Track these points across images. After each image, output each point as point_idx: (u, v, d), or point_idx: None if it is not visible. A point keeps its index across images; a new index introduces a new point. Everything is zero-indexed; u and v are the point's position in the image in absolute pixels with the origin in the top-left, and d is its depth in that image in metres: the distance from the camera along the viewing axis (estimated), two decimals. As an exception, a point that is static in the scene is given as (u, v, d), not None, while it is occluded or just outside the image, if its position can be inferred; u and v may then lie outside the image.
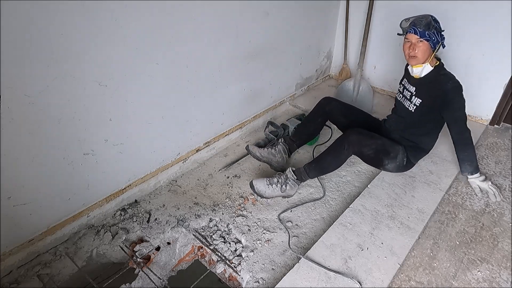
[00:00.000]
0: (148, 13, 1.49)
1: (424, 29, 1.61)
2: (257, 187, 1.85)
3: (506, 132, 2.42)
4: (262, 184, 1.85)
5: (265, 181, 1.86)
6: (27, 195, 1.44)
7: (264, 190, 1.84)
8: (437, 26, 1.64)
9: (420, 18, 1.62)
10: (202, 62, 1.87)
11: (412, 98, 1.83)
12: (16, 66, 1.19)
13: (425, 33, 1.62)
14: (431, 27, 1.61)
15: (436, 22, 1.64)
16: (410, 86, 1.85)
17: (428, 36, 1.62)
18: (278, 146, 2.07)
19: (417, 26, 1.62)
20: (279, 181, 1.85)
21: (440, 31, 1.66)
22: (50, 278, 1.50)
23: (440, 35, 1.66)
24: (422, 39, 1.63)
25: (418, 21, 1.62)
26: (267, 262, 1.58)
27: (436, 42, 1.65)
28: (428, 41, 1.63)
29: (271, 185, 1.84)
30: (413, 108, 1.83)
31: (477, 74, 2.37)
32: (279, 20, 2.26)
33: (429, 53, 1.68)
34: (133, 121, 1.68)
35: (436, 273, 1.49)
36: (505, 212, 1.77)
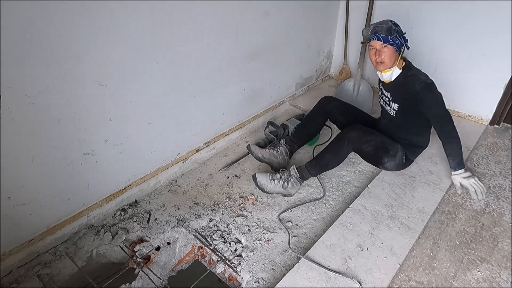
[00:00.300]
0: (148, 13, 1.49)
1: (386, 34, 1.64)
2: (259, 180, 1.85)
3: (506, 132, 2.42)
4: (265, 178, 1.85)
5: (268, 176, 1.86)
6: (27, 195, 1.44)
7: (266, 184, 1.84)
8: (398, 29, 1.67)
9: (381, 24, 1.65)
10: (202, 62, 1.88)
11: (390, 103, 1.85)
12: (16, 66, 1.19)
13: (388, 38, 1.64)
14: (392, 31, 1.64)
15: (396, 26, 1.67)
16: (386, 92, 1.88)
17: (392, 40, 1.65)
18: (280, 147, 2.07)
19: (378, 33, 1.65)
20: (282, 177, 1.86)
21: (401, 34, 1.68)
22: (50, 278, 1.50)
23: (403, 38, 1.69)
24: (386, 44, 1.65)
25: (379, 28, 1.65)
26: (267, 262, 1.58)
27: (400, 45, 1.68)
28: (392, 45, 1.66)
29: (273, 180, 1.85)
30: (394, 112, 1.86)
31: (477, 74, 2.37)
32: (279, 20, 2.26)
33: (395, 56, 1.70)
34: (133, 121, 1.68)
35: (436, 273, 1.49)
36: (505, 212, 1.77)
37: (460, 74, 2.44)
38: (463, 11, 2.24)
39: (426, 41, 2.48)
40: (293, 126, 2.37)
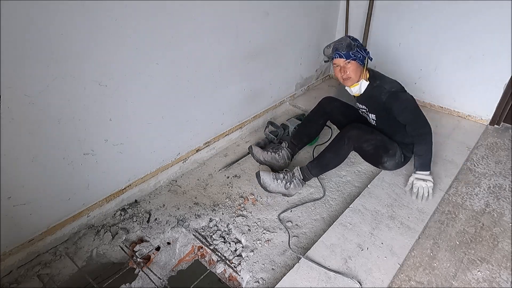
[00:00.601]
0: (148, 13, 1.50)
1: (347, 51, 1.67)
2: (263, 178, 1.85)
3: (506, 132, 2.42)
4: (268, 177, 1.86)
5: (271, 175, 1.87)
6: (27, 195, 1.44)
7: (269, 183, 1.85)
8: (357, 44, 1.70)
9: (340, 42, 1.68)
10: (202, 62, 1.88)
11: (369, 114, 1.89)
12: (16, 66, 1.19)
13: (350, 54, 1.67)
14: (352, 47, 1.67)
15: (355, 41, 1.70)
16: (360, 105, 1.91)
17: (354, 56, 1.68)
18: (282, 151, 2.08)
19: (339, 50, 1.68)
20: (285, 177, 1.86)
21: (361, 47, 1.71)
22: (50, 278, 1.50)
23: (364, 51, 1.71)
24: (349, 59, 1.68)
25: (339, 46, 1.68)
26: (267, 262, 1.58)
27: (363, 58, 1.71)
28: (355, 60, 1.69)
29: (276, 180, 1.85)
30: (374, 122, 1.90)
31: (477, 74, 2.37)
32: (279, 20, 2.26)
33: (360, 70, 1.73)
34: (133, 121, 1.68)
35: (436, 273, 1.49)
36: (505, 212, 1.77)
37: (460, 74, 2.44)
38: (463, 11, 2.24)
39: (426, 41, 2.48)
40: (293, 126, 2.37)
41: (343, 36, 1.74)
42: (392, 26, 2.60)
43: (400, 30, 2.58)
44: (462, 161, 2.11)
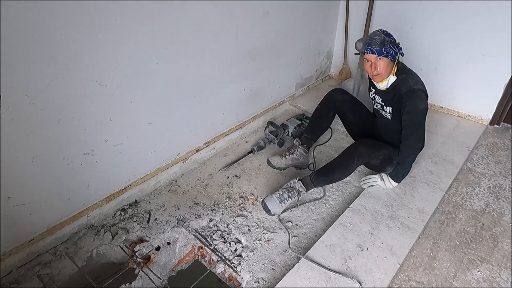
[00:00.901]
0: (148, 13, 1.49)
1: (380, 47, 1.62)
2: (273, 210, 1.76)
3: (506, 132, 2.42)
4: (275, 204, 1.77)
5: (276, 200, 1.77)
6: (27, 195, 1.44)
7: (278, 209, 1.78)
8: (391, 39, 1.64)
9: (374, 37, 1.63)
10: (202, 62, 1.87)
11: (384, 107, 1.84)
12: (16, 66, 1.19)
13: (382, 50, 1.62)
14: (386, 43, 1.62)
15: (389, 36, 1.65)
16: (377, 97, 1.87)
17: (386, 52, 1.63)
18: (298, 149, 2.11)
19: (372, 46, 1.62)
20: (290, 196, 1.80)
21: (395, 43, 1.66)
22: (50, 278, 1.50)
23: (396, 46, 1.66)
24: (381, 56, 1.63)
25: (372, 41, 1.62)
26: (267, 262, 1.58)
27: (395, 54, 1.66)
28: (387, 57, 1.64)
29: (283, 202, 1.78)
30: (389, 116, 1.84)
31: (477, 74, 2.37)
32: (279, 20, 2.26)
33: (391, 66, 1.69)
34: (133, 121, 1.68)
35: (436, 273, 1.49)
36: (505, 212, 1.77)
37: (460, 74, 2.44)
38: (463, 11, 2.24)
39: (426, 41, 2.48)
40: (293, 126, 2.37)
41: (377, 31, 1.66)
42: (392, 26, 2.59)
43: (400, 30, 2.58)
44: (462, 161, 2.11)
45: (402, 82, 1.70)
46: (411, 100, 1.66)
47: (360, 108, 2.08)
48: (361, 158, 1.78)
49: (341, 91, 2.07)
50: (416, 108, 1.67)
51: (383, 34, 1.62)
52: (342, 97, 2.04)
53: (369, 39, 1.64)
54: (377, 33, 1.64)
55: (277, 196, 1.78)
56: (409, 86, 1.67)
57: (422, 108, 1.67)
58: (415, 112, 1.68)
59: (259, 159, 2.24)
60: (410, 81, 1.69)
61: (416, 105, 1.67)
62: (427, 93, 1.72)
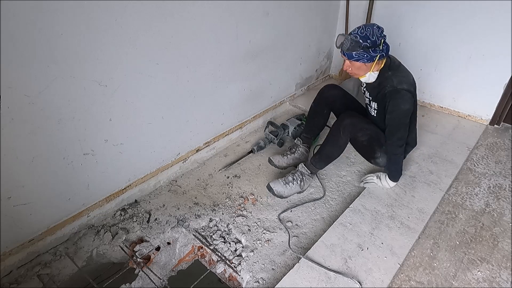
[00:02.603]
0: (148, 13, 1.49)
1: (350, 51, 1.56)
2: (276, 189, 1.85)
3: (506, 132, 2.42)
4: (279, 185, 1.85)
5: (281, 182, 1.86)
6: (27, 195, 1.44)
7: (283, 190, 1.85)
8: (366, 43, 1.54)
9: (347, 39, 1.55)
10: (202, 62, 1.87)
11: (371, 103, 1.83)
12: (16, 66, 1.19)
13: (353, 55, 1.57)
14: (357, 47, 1.54)
15: (366, 39, 1.53)
16: (367, 92, 1.85)
17: (356, 57, 1.57)
18: (300, 148, 2.12)
19: (343, 49, 1.58)
20: (295, 178, 1.87)
21: (373, 46, 1.55)
22: (50, 278, 1.50)
23: (374, 50, 1.56)
24: (351, 60, 1.60)
25: (345, 42, 1.56)
26: (267, 262, 1.58)
27: (370, 58, 1.58)
28: (358, 61, 1.59)
29: (287, 184, 1.85)
30: (374, 112, 1.83)
31: (477, 74, 2.37)
32: (279, 20, 2.26)
33: (365, 67, 1.64)
34: (133, 121, 1.68)
35: (436, 273, 1.49)
36: (505, 212, 1.77)
37: (460, 74, 2.44)
38: (462, 11, 2.24)
39: (426, 41, 2.48)
40: (293, 126, 2.37)
41: (362, 27, 1.55)
42: (392, 26, 2.60)
43: (400, 30, 2.58)
44: (462, 161, 2.11)
45: (387, 81, 1.67)
46: (394, 100, 1.64)
47: (352, 103, 2.06)
48: (347, 129, 1.74)
49: (331, 86, 2.05)
50: (398, 108, 1.65)
51: (358, 36, 1.54)
52: (332, 92, 2.02)
53: (344, 39, 1.56)
54: (353, 35, 1.55)
55: (282, 179, 1.88)
56: (392, 86, 1.64)
57: (405, 108, 1.65)
58: (397, 112, 1.66)
59: (259, 159, 2.24)
60: (394, 80, 1.65)
61: (399, 105, 1.64)
62: (413, 92, 1.68)
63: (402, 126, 1.71)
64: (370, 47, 1.55)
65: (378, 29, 1.56)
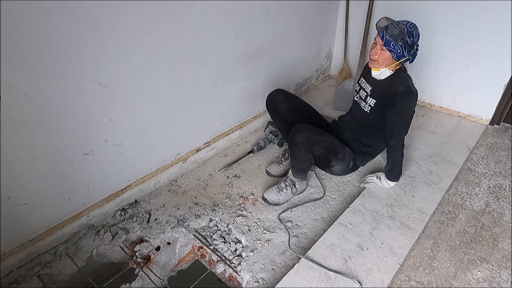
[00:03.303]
0: (148, 13, 1.49)
1: (391, 39, 1.51)
2: (270, 199, 1.85)
3: (506, 132, 2.42)
4: (273, 194, 1.86)
5: (274, 190, 1.86)
6: (27, 195, 1.44)
7: (277, 198, 1.85)
8: (408, 40, 1.52)
9: (395, 25, 1.51)
10: (202, 62, 1.87)
11: (367, 98, 1.76)
12: (16, 66, 1.19)
13: (390, 43, 1.52)
14: (399, 39, 1.50)
15: (411, 36, 1.52)
16: (367, 85, 1.77)
17: (392, 47, 1.53)
18: None
19: (386, 32, 1.51)
20: (287, 184, 1.86)
21: (410, 47, 1.54)
22: (50, 278, 1.50)
23: (408, 51, 1.55)
24: (385, 47, 1.54)
25: (390, 27, 1.51)
26: (267, 262, 1.58)
27: (401, 55, 1.55)
28: (391, 52, 1.54)
29: (281, 191, 1.85)
30: (368, 108, 1.76)
31: (477, 74, 2.37)
32: (279, 20, 2.26)
33: (391, 62, 1.60)
34: (133, 121, 1.68)
35: (436, 273, 1.49)
36: (505, 212, 1.77)
37: (460, 74, 2.44)
38: (462, 11, 2.24)
39: (426, 41, 2.47)
40: (293, 126, 2.36)
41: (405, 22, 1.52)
42: (392, 26, 2.60)
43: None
44: (462, 161, 2.11)
45: (401, 80, 1.63)
46: (407, 101, 1.62)
47: (302, 106, 1.96)
48: (301, 145, 1.65)
49: (275, 92, 1.94)
50: (409, 109, 1.65)
51: (406, 28, 1.50)
52: (275, 98, 1.92)
53: (392, 24, 1.51)
54: (402, 25, 1.51)
55: (275, 186, 1.88)
56: (407, 86, 1.61)
57: (413, 110, 1.66)
58: (407, 114, 1.66)
59: (259, 159, 2.24)
60: (409, 81, 1.64)
61: (410, 106, 1.64)
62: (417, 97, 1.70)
63: (408, 128, 1.70)
64: (409, 45, 1.53)
65: (419, 35, 1.56)
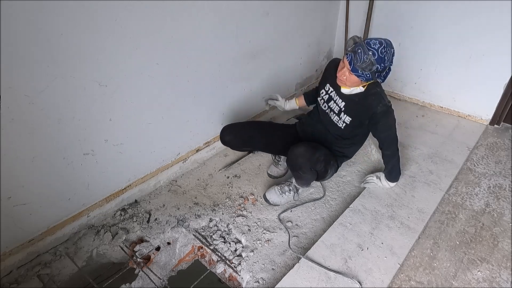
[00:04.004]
0: (148, 13, 1.49)
1: (358, 68, 1.46)
2: (271, 200, 1.85)
3: (506, 132, 2.42)
4: (275, 195, 1.85)
5: (277, 191, 1.86)
6: (27, 195, 1.44)
7: (279, 200, 1.85)
8: (379, 66, 1.44)
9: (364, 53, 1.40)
10: (202, 62, 1.87)
11: (341, 114, 1.70)
12: (16, 66, 1.19)
13: (357, 71, 1.46)
14: (367, 69, 1.43)
15: (381, 62, 1.43)
16: (339, 100, 1.70)
17: (360, 73, 1.47)
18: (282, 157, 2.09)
19: (354, 58, 1.43)
20: (290, 189, 1.86)
21: (382, 71, 1.48)
22: (50, 278, 1.50)
23: (378, 75, 1.49)
24: (352, 73, 1.49)
25: (359, 54, 1.41)
26: (267, 262, 1.58)
27: (369, 78, 1.50)
28: (358, 77, 1.49)
29: (284, 194, 1.85)
30: (343, 125, 1.71)
31: (477, 74, 2.37)
32: (279, 20, 2.26)
33: (359, 83, 1.56)
34: (133, 121, 1.68)
35: (436, 273, 1.49)
36: (505, 212, 1.77)
37: (460, 73, 2.44)
38: (463, 11, 2.24)
39: (426, 40, 2.48)
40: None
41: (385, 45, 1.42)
42: (392, 26, 2.60)
43: (400, 30, 2.58)
44: (462, 161, 2.11)
45: (377, 99, 1.59)
46: (388, 119, 1.63)
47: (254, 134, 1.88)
48: (305, 167, 1.64)
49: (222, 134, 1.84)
50: (392, 124, 1.67)
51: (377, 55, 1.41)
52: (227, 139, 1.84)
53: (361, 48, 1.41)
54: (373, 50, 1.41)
55: (278, 187, 1.86)
56: (385, 105, 1.59)
57: (394, 123, 1.68)
58: (393, 128, 1.68)
59: (259, 159, 2.24)
60: (385, 98, 1.60)
61: (392, 121, 1.66)
62: None
63: (397, 135, 1.71)
64: (378, 71, 1.48)
65: (393, 54, 1.48)
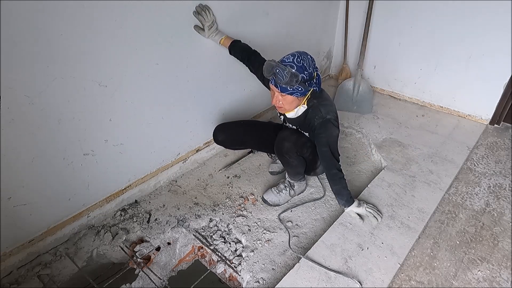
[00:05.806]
0: (148, 13, 1.49)
1: (285, 85, 1.42)
2: (270, 200, 1.86)
3: (506, 131, 2.42)
4: (272, 195, 1.87)
5: (274, 191, 1.87)
6: (27, 195, 1.44)
7: (277, 199, 1.86)
8: (304, 75, 1.40)
9: (282, 69, 1.38)
10: (202, 62, 1.87)
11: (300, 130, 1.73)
12: (16, 66, 1.19)
13: (287, 88, 1.43)
14: (294, 82, 1.39)
15: (304, 71, 1.40)
16: (290, 125, 1.75)
17: (291, 89, 1.43)
18: None
19: (277, 79, 1.40)
20: (286, 186, 1.87)
21: (309, 79, 1.44)
22: (50, 279, 1.50)
23: (310, 83, 1.46)
24: (284, 94, 1.46)
25: (279, 73, 1.38)
26: (267, 262, 1.58)
27: (305, 91, 1.47)
28: (292, 94, 1.46)
29: (281, 192, 1.86)
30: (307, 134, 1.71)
31: (477, 74, 2.37)
32: (279, 20, 2.26)
33: (297, 101, 1.52)
34: (133, 121, 1.68)
35: (436, 273, 1.49)
36: (505, 211, 1.77)
37: (460, 73, 2.44)
38: (462, 11, 2.24)
39: (426, 40, 2.48)
40: (293, 126, 2.36)
41: (297, 55, 1.40)
42: (392, 26, 2.60)
43: (400, 30, 2.58)
44: (462, 160, 2.11)
45: (314, 112, 1.56)
46: (327, 131, 1.56)
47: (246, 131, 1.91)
48: (291, 152, 1.63)
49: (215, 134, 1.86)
50: (331, 136, 1.58)
51: (295, 67, 1.39)
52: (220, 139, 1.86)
53: (278, 68, 1.39)
54: (289, 64, 1.39)
55: (275, 188, 1.88)
56: (322, 117, 1.55)
57: (336, 134, 1.60)
58: (332, 141, 1.59)
59: (259, 159, 2.24)
60: (322, 109, 1.56)
61: (331, 133, 1.57)
62: (337, 116, 1.63)
63: (335, 152, 1.61)
64: (307, 80, 1.43)
65: (312, 59, 1.45)
